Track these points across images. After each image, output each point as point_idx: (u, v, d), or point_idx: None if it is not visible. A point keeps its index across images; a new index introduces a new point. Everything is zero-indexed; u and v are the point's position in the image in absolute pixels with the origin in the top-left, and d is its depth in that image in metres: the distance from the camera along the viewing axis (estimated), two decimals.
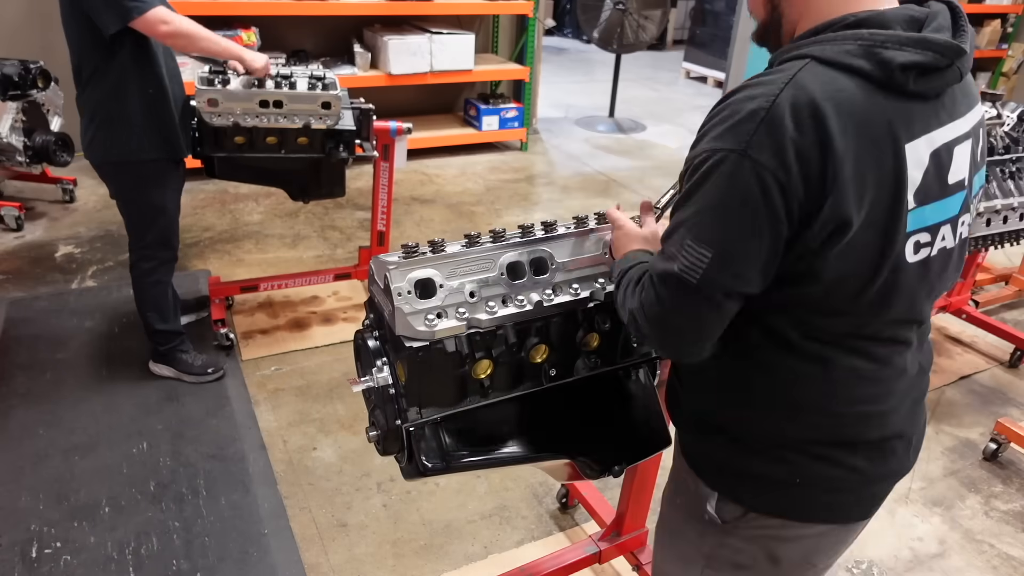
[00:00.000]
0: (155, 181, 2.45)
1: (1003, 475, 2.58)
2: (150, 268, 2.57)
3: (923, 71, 0.87)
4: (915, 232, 0.92)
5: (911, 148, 0.88)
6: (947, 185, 0.93)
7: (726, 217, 0.87)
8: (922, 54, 0.86)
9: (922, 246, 0.93)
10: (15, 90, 3.64)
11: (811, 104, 0.84)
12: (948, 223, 0.96)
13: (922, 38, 0.87)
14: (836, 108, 0.84)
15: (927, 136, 0.90)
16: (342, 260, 3.78)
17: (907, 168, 0.88)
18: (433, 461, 1.20)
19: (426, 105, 5.72)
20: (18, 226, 3.83)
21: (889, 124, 0.87)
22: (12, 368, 2.77)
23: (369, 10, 4.90)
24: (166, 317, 2.67)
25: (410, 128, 2.93)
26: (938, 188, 0.92)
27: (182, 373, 2.73)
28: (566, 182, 5.17)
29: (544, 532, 2.22)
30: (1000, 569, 2.20)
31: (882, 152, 0.86)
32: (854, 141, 0.84)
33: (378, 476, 2.37)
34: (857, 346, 0.98)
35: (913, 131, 0.89)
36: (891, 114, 0.87)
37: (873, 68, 0.86)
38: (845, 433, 1.02)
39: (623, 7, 6.11)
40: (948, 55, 0.87)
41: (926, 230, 0.93)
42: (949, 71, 0.89)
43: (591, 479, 1.40)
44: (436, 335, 1.11)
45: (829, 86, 0.85)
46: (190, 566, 2.00)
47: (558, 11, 10.92)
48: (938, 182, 0.92)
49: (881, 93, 0.86)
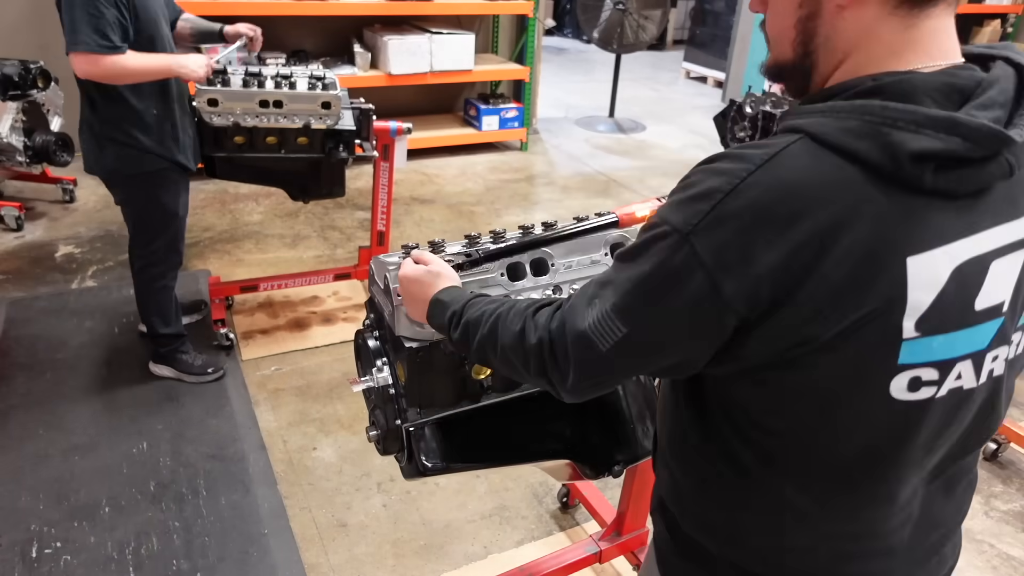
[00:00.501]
0: (165, 188, 2.45)
1: (1003, 475, 2.58)
2: (158, 273, 2.58)
3: (946, 163, 0.66)
4: (912, 366, 0.71)
5: (919, 263, 0.67)
6: (973, 311, 0.71)
7: (649, 299, 0.74)
8: (946, 140, 0.65)
9: (923, 384, 0.72)
10: (15, 90, 3.64)
11: (782, 197, 0.67)
12: (968, 359, 0.73)
13: (949, 118, 0.65)
14: (815, 205, 0.66)
15: (947, 247, 0.68)
16: (342, 260, 3.78)
17: (907, 289, 0.68)
18: (433, 461, 1.20)
19: (426, 105, 5.72)
20: (18, 226, 3.83)
21: (890, 230, 0.67)
22: (12, 368, 2.77)
23: (369, 10, 4.91)
24: (169, 320, 2.67)
25: (410, 128, 2.93)
26: (958, 315, 0.71)
27: (182, 373, 2.73)
28: (566, 182, 5.17)
29: (544, 532, 2.22)
30: (1000, 569, 2.20)
31: (873, 266, 0.67)
32: (834, 250, 0.66)
33: (378, 476, 2.37)
34: (816, 485, 0.81)
35: (926, 241, 0.68)
36: (895, 217, 0.67)
37: (877, 154, 0.66)
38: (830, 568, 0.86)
39: (623, 7, 6.11)
40: (985, 145, 0.66)
41: (931, 366, 0.72)
42: (992, 164, 0.67)
43: (591, 479, 1.40)
44: (436, 336, 1.11)
45: (814, 174, 0.68)
46: (190, 566, 2.01)
47: (558, 11, 10.92)
48: (959, 307, 0.70)
49: (886, 187, 0.67)
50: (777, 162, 0.69)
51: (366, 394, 1.27)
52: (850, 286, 0.67)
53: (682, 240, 0.70)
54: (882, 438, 0.76)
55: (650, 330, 0.75)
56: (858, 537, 0.83)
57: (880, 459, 0.77)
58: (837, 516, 0.82)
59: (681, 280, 0.71)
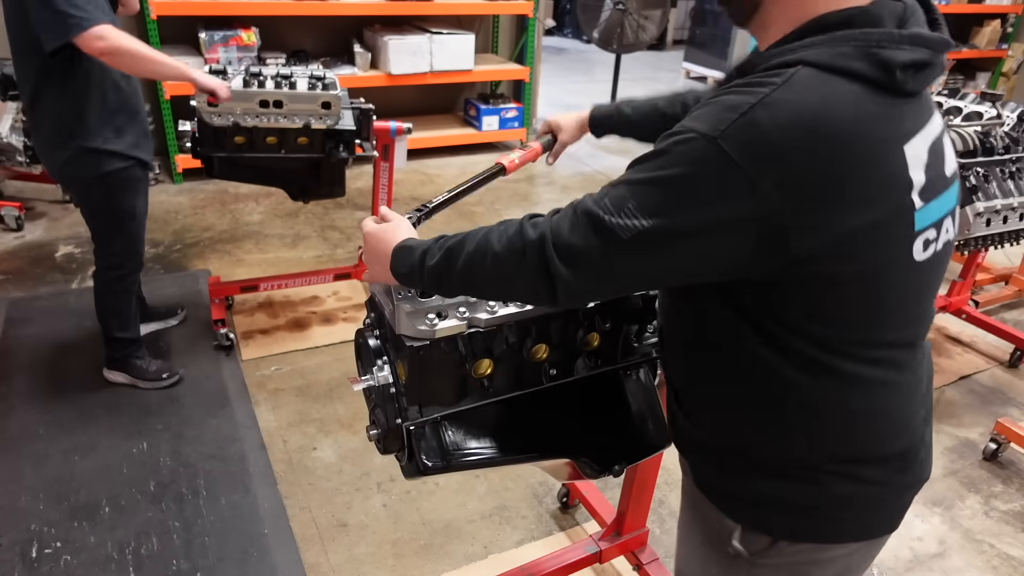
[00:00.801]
0: (123, 188, 2.40)
1: (1003, 475, 2.58)
2: (117, 276, 2.54)
3: (919, 68, 0.83)
4: (923, 230, 0.88)
5: (911, 148, 0.85)
6: (945, 178, 0.91)
7: (675, 196, 0.81)
8: (920, 52, 0.82)
9: (930, 243, 0.89)
10: (15, 90, 3.64)
11: (802, 111, 0.78)
12: (949, 215, 0.93)
13: (917, 34, 0.83)
14: (833, 115, 0.78)
15: (922, 133, 0.87)
16: (342, 260, 3.78)
17: (910, 170, 0.84)
18: (433, 460, 1.20)
19: (426, 105, 5.73)
20: (18, 226, 3.84)
21: (890, 129, 0.83)
22: (12, 368, 2.77)
23: (369, 10, 4.91)
24: (126, 325, 2.63)
25: (410, 128, 2.93)
26: (939, 183, 0.89)
27: (136, 379, 2.69)
28: (566, 182, 5.17)
29: (544, 532, 2.22)
30: (1000, 569, 2.21)
31: (883, 159, 0.82)
32: (852, 153, 0.79)
33: (378, 476, 2.37)
34: (878, 355, 0.92)
35: (910, 131, 0.85)
36: (891, 118, 0.83)
37: (873, 70, 0.80)
38: (873, 448, 0.97)
39: (623, 7, 6.11)
40: (940, 50, 0.85)
41: (933, 226, 0.89)
42: (937, 66, 0.86)
43: (591, 479, 1.40)
44: (437, 334, 1.11)
45: (827, 92, 0.79)
46: (190, 566, 2.01)
47: (558, 11, 10.92)
48: (938, 176, 0.89)
49: (880, 96, 0.82)
50: (793, 84, 0.80)
51: (366, 393, 1.27)
52: (873, 176, 0.81)
53: (709, 143, 0.78)
54: (912, 300, 0.92)
55: (674, 225, 0.81)
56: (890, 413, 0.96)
57: (911, 321, 0.95)
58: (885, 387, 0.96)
59: (712, 177, 0.79)
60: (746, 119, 0.77)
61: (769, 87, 0.79)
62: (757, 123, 0.77)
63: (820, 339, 0.89)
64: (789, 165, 0.77)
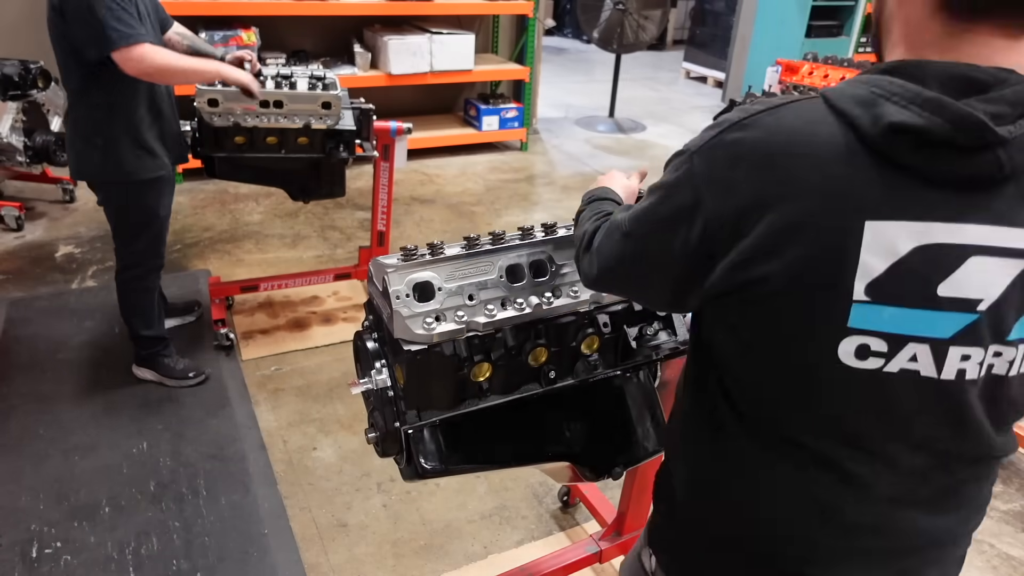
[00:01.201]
0: (148, 192, 2.42)
1: (1003, 475, 2.58)
2: (140, 274, 2.55)
3: (928, 142, 0.68)
4: (861, 332, 0.73)
5: (877, 229, 0.70)
6: (935, 295, 0.71)
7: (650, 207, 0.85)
8: (928, 119, 0.67)
9: (873, 354, 0.74)
10: (15, 90, 3.64)
11: (775, 139, 0.74)
12: (927, 343, 0.73)
13: (937, 99, 0.67)
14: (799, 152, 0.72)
15: (914, 224, 0.70)
16: (342, 260, 3.78)
17: (861, 249, 0.70)
18: (432, 463, 1.20)
19: (426, 105, 5.72)
20: (18, 226, 3.84)
21: (857, 190, 0.70)
22: (12, 368, 2.77)
23: (369, 10, 4.91)
24: (151, 323, 2.65)
25: (410, 128, 2.93)
26: (917, 293, 0.72)
27: (164, 377, 2.71)
28: (566, 182, 5.17)
29: (544, 532, 2.22)
30: (1000, 569, 2.21)
31: (833, 217, 0.71)
32: (803, 195, 0.71)
33: (378, 476, 2.37)
34: (790, 446, 0.82)
35: (892, 212, 0.70)
36: (867, 181, 0.70)
37: (864, 121, 0.70)
38: (761, 549, 0.87)
39: (623, 7, 6.10)
40: (966, 132, 0.66)
41: (881, 336, 0.73)
42: (980, 157, 0.68)
43: (591, 481, 1.40)
44: (435, 338, 1.11)
45: (809, 127, 0.73)
46: (190, 566, 2.01)
47: (558, 11, 10.92)
48: (920, 286, 0.71)
49: (867, 153, 0.70)
50: (786, 111, 0.75)
51: (365, 396, 1.27)
52: (809, 228, 0.71)
53: (688, 158, 0.80)
54: (840, 406, 0.77)
55: (640, 235, 0.87)
56: (825, 512, 0.83)
57: (848, 432, 0.79)
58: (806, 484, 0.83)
59: (677, 191, 0.80)
60: (718, 139, 0.78)
61: (768, 107, 0.76)
62: (725, 144, 0.77)
63: (735, 394, 0.85)
64: (734, 191, 0.75)
